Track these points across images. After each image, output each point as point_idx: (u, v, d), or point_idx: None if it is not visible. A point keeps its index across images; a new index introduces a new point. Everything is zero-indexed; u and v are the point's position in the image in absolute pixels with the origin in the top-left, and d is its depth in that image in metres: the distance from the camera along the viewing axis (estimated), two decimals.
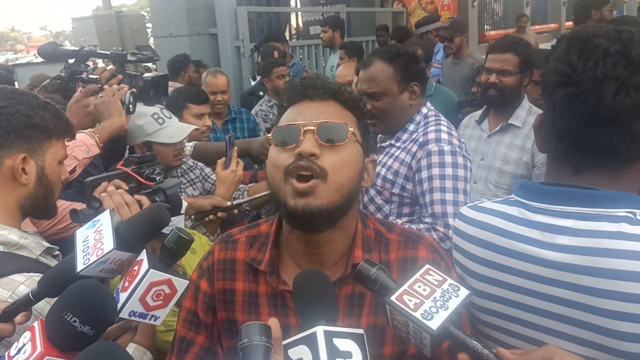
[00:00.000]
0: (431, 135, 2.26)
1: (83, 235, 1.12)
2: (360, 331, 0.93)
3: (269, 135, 1.26)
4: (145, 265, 1.04)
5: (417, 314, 0.95)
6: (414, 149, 2.27)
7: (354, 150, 1.24)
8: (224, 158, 2.64)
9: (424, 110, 2.41)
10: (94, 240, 1.09)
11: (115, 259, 1.07)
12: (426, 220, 2.20)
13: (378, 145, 2.50)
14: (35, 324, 1.00)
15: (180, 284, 1.08)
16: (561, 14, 16.17)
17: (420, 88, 2.39)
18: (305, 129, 1.19)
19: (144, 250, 1.08)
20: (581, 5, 5.19)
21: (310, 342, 0.89)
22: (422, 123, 2.36)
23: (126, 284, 1.05)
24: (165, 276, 1.05)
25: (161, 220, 1.15)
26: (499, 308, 1.23)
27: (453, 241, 1.39)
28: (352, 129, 1.23)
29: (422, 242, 1.32)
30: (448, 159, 2.20)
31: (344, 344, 0.90)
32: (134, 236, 1.10)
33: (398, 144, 2.37)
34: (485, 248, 1.25)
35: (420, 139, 2.27)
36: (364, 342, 0.92)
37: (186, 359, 1.32)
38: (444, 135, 2.26)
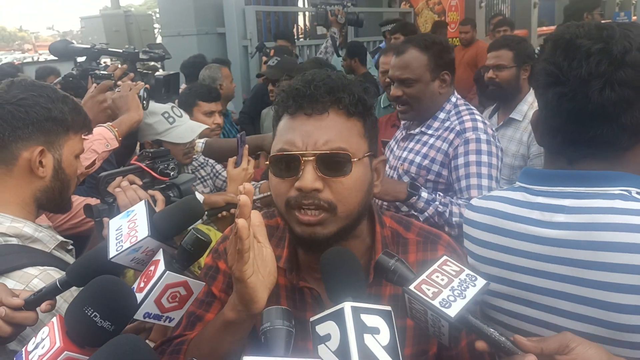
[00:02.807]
0: (468, 124, 2.35)
1: (116, 224, 1.12)
2: (388, 308, 0.93)
3: (266, 162, 1.19)
4: (161, 266, 1.02)
5: (436, 302, 0.97)
6: (451, 136, 2.35)
7: (360, 171, 1.16)
8: (235, 157, 2.63)
9: (453, 99, 2.48)
10: (128, 229, 1.08)
11: (147, 249, 1.06)
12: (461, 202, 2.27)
13: (407, 133, 2.57)
14: (54, 319, 1.00)
15: (196, 286, 1.07)
16: None
17: (450, 77, 2.46)
18: (304, 159, 1.11)
19: (161, 250, 1.06)
20: (573, 9, 5.23)
21: (338, 317, 0.90)
22: (453, 112, 2.44)
23: (142, 285, 1.04)
24: (182, 278, 1.03)
25: (196, 212, 1.14)
26: (503, 289, 1.27)
27: (464, 230, 1.42)
28: (355, 159, 1.14)
29: (440, 242, 1.30)
30: (484, 147, 2.29)
31: (372, 320, 0.90)
32: (169, 227, 1.09)
33: (430, 132, 2.44)
34: (491, 232, 1.31)
35: (457, 128, 2.35)
36: (392, 319, 0.92)
37: (191, 332, 1.30)
38: (480, 125, 2.35)
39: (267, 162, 1.18)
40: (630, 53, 1.11)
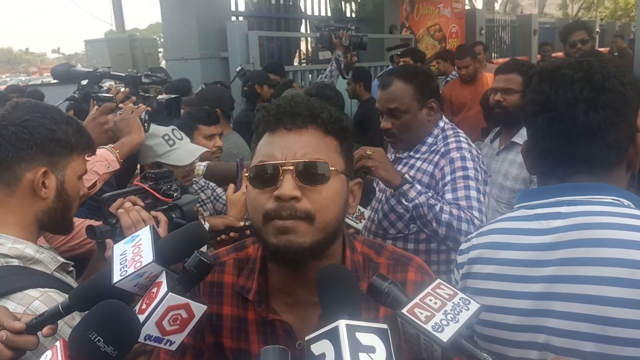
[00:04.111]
0: (452, 145, 2.41)
1: (120, 249, 1.12)
2: (384, 326, 0.92)
3: (245, 174, 1.21)
4: (164, 288, 1.02)
5: (428, 326, 0.95)
6: (436, 158, 2.40)
7: (338, 184, 1.18)
8: (234, 183, 2.65)
9: (441, 124, 2.53)
10: (132, 254, 1.08)
11: (151, 274, 1.06)
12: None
13: (396, 156, 2.61)
14: (57, 343, 0.99)
15: (198, 309, 1.05)
16: None
17: (437, 104, 2.50)
18: (283, 168, 1.13)
19: (164, 272, 1.06)
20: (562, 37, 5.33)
21: (333, 336, 0.88)
22: (440, 136, 2.49)
23: (143, 306, 1.03)
24: (184, 300, 1.02)
25: (201, 238, 1.14)
26: (501, 302, 1.30)
27: (467, 279, 1.42)
28: (333, 168, 1.16)
29: (411, 264, 1.30)
30: (470, 164, 2.34)
31: (367, 339, 0.89)
32: (173, 253, 1.09)
33: (417, 155, 2.48)
34: (492, 248, 1.38)
35: (442, 149, 2.41)
36: (388, 337, 0.91)
37: None
38: (465, 145, 2.41)
39: (246, 174, 1.20)
40: (609, 80, 1.25)
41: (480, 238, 1.43)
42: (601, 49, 8.40)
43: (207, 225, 2.31)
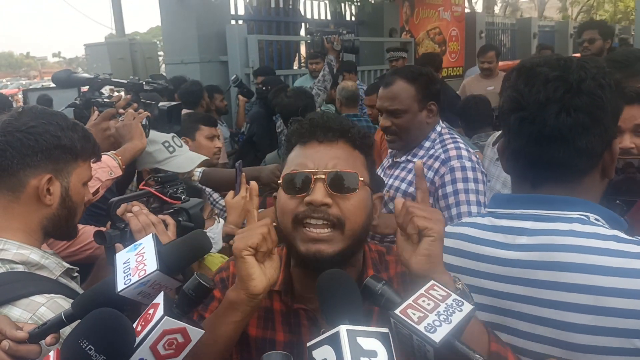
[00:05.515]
0: (452, 153, 2.41)
1: (124, 257, 1.12)
2: (386, 330, 0.94)
3: (279, 181, 1.28)
4: (160, 311, 0.99)
5: (421, 327, 0.96)
6: (436, 165, 2.41)
7: (364, 195, 1.26)
8: (233, 190, 2.66)
9: (438, 128, 2.56)
10: (136, 262, 1.08)
11: (155, 282, 1.07)
12: None
13: (393, 160, 2.64)
14: (51, 353, 0.99)
15: (195, 334, 1.03)
16: (568, 47, 16.33)
17: (436, 107, 2.52)
18: (315, 177, 1.21)
19: (162, 293, 1.05)
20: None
21: (334, 341, 0.90)
22: (437, 140, 2.51)
23: (139, 328, 1.01)
24: (180, 325, 1.00)
25: (204, 246, 1.16)
26: None
27: None
28: (362, 178, 1.24)
29: None
30: (470, 174, 2.35)
31: (369, 343, 0.90)
32: (177, 260, 1.10)
33: (415, 159, 2.50)
34: (458, 256, 1.36)
35: (442, 156, 2.41)
36: (390, 341, 0.92)
37: None
38: (464, 153, 2.42)
39: (280, 181, 1.28)
40: (586, 82, 1.19)
41: (449, 240, 1.41)
42: None
43: (222, 223, 2.32)
